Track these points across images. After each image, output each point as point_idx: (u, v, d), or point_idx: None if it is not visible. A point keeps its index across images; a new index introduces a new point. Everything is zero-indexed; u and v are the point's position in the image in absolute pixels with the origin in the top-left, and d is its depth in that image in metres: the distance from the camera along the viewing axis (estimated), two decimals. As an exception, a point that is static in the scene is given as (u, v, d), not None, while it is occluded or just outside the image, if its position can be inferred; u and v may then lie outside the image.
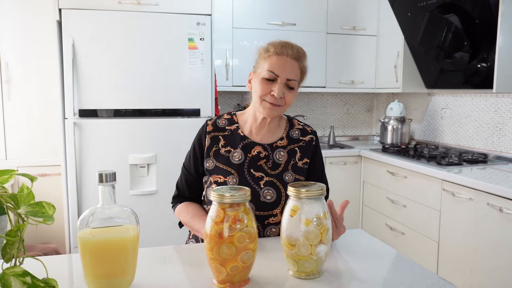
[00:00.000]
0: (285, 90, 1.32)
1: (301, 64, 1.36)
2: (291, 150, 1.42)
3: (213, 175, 1.37)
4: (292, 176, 1.39)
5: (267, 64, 1.32)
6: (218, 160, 1.38)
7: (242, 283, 0.97)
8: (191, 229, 1.41)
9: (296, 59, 1.33)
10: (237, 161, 1.37)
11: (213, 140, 1.41)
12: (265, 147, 1.40)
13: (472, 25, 2.61)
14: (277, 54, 1.32)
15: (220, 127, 1.43)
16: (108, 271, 0.92)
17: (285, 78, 1.31)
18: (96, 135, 2.61)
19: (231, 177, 1.35)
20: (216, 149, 1.40)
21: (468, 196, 2.19)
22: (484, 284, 2.12)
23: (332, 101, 3.87)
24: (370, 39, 3.50)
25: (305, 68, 1.38)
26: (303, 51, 1.37)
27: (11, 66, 2.90)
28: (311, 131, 1.48)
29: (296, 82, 1.34)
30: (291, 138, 1.44)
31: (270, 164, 1.38)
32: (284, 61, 1.32)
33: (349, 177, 3.27)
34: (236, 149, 1.39)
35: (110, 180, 0.92)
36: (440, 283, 0.99)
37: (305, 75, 1.39)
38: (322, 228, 0.98)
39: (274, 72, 1.30)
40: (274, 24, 3.22)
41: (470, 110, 3.00)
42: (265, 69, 1.32)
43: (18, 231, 0.77)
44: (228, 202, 0.93)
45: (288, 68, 1.31)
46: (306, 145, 1.44)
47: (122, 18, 2.60)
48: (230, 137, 1.41)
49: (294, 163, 1.40)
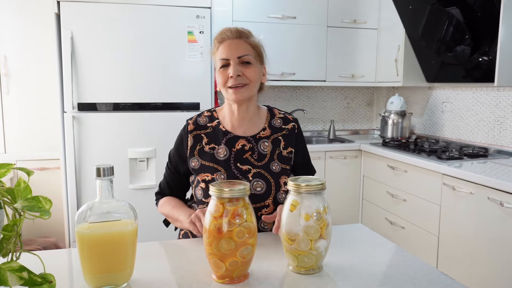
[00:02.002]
0: (242, 68, 1.33)
1: (248, 40, 1.37)
2: (275, 140, 1.42)
3: (200, 174, 1.37)
4: (279, 166, 1.38)
5: (217, 55, 1.36)
6: (203, 158, 1.38)
7: (242, 278, 0.97)
8: (171, 219, 1.43)
9: (238, 37, 1.35)
10: (223, 157, 1.37)
11: (196, 138, 1.41)
12: (249, 139, 1.40)
13: (474, 18, 2.59)
14: (220, 42, 1.36)
15: (202, 125, 1.43)
16: (106, 266, 0.91)
17: (235, 57, 1.32)
18: (95, 129, 2.60)
19: (219, 174, 1.35)
20: (200, 147, 1.40)
21: (469, 190, 2.19)
22: (484, 279, 2.12)
23: (333, 95, 3.85)
24: (370, 32, 3.47)
25: (255, 42, 1.38)
26: (244, 30, 1.38)
27: (9, 60, 2.88)
28: (292, 119, 1.48)
29: (250, 57, 1.34)
30: (274, 128, 1.44)
31: (256, 156, 1.38)
32: (228, 44, 1.34)
33: (349, 171, 3.26)
34: (220, 145, 1.39)
35: (108, 174, 0.91)
36: (441, 278, 0.99)
37: (260, 49, 1.39)
38: (322, 223, 0.97)
39: (224, 57, 1.33)
40: (274, 17, 3.20)
41: (471, 104, 2.99)
42: (217, 60, 1.36)
43: (15, 225, 0.76)
44: (227, 196, 0.92)
45: (234, 48, 1.33)
46: (289, 133, 1.44)
47: (121, 10, 2.58)
48: (212, 134, 1.41)
49: (279, 152, 1.41)
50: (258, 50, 1.38)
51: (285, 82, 3.31)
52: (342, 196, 3.26)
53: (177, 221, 1.38)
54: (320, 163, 3.16)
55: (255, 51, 1.37)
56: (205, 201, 1.35)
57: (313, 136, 3.79)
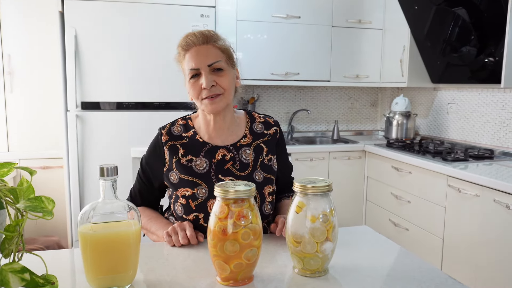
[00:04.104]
0: (214, 77, 1.23)
1: (216, 43, 1.25)
2: (257, 147, 1.34)
3: (180, 189, 1.27)
4: (262, 175, 1.31)
5: (185, 65, 1.26)
6: (181, 172, 1.28)
7: (246, 281, 0.95)
8: (147, 232, 1.33)
9: (205, 42, 1.24)
10: (202, 170, 1.28)
11: (172, 150, 1.30)
12: (229, 148, 1.31)
13: (480, 19, 2.57)
14: (186, 50, 1.25)
15: (176, 135, 1.32)
16: (109, 267, 0.90)
17: (205, 65, 1.22)
18: (98, 128, 2.59)
19: (199, 188, 1.26)
20: (177, 159, 1.29)
21: (474, 192, 2.16)
22: (489, 282, 2.09)
23: (337, 95, 3.83)
24: (375, 32, 3.45)
25: (224, 45, 1.27)
26: (210, 32, 1.26)
27: (13, 58, 2.88)
28: (274, 122, 1.41)
29: (221, 63, 1.24)
30: (255, 133, 1.36)
31: (237, 166, 1.29)
32: (195, 51, 1.23)
33: (353, 172, 3.25)
34: (198, 157, 1.29)
35: (112, 174, 0.90)
36: (449, 282, 0.97)
37: (230, 51, 1.28)
38: (329, 225, 0.96)
39: (193, 67, 1.23)
40: (278, 16, 3.18)
41: (476, 105, 2.96)
42: (186, 70, 1.25)
43: (17, 226, 0.75)
44: (232, 197, 0.91)
45: (202, 55, 1.22)
46: (272, 139, 1.37)
47: (125, 9, 2.57)
48: (189, 145, 1.31)
49: (261, 161, 1.33)
50: (228, 54, 1.27)
51: (289, 82, 3.29)
52: (345, 197, 3.24)
53: (153, 234, 1.29)
54: (323, 164, 3.15)
55: (225, 55, 1.26)
56: (186, 218, 1.26)
57: (317, 136, 3.77)
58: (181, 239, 1.16)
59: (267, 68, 3.20)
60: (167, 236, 1.17)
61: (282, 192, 1.45)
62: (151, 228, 1.31)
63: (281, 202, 1.42)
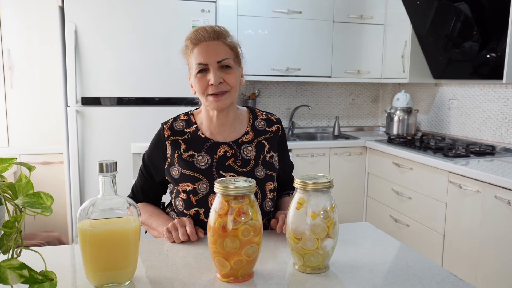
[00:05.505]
0: (222, 74, 1.22)
1: (225, 40, 1.25)
2: (258, 144, 1.34)
3: (181, 184, 1.28)
4: (263, 172, 1.31)
5: (193, 59, 1.25)
6: (182, 167, 1.28)
7: (246, 277, 0.95)
8: (148, 228, 1.35)
9: (215, 38, 1.23)
10: (204, 165, 1.28)
11: (174, 145, 1.31)
12: (231, 145, 1.31)
13: (483, 14, 2.55)
14: (196, 44, 1.24)
15: (178, 130, 1.32)
16: (108, 264, 0.90)
17: (215, 61, 1.22)
18: (98, 124, 2.59)
19: (200, 183, 1.26)
20: (178, 154, 1.30)
21: (475, 188, 2.16)
22: (490, 278, 2.09)
23: (338, 91, 3.82)
24: (377, 28, 3.43)
25: (233, 42, 1.27)
26: (220, 28, 1.27)
27: (13, 53, 2.87)
28: (276, 120, 1.40)
29: (229, 60, 1.23)
30: (257, 130, 1.36)
31: (239, 162, 1.30)
32: (205, 46, 1.23)
33: (353, 168, 3.24)
34: (200, 153, 1.29)
35: (111, 170, 0.89)
36: (450, 279, 0.96)
37: (238, 50, 1.28)
38: (329, 221, 0.95)
39: (202, 62, 1.22)
40: (280, 12, 3.16)
41: (478, 101, 2.95)
42: (193, 65, 1.24)
43: (16, 222, 0.75)
44: (232, 194, 0.90)
45: (213, 51, 1.22)
46: (274, 136, 1.37)
47: (126, 4, 2.56)
48: (191, 140, 1.31)
49: (263, 158, 1.33)
50: (236, 51, 1.27)
51: (290, 78, 3.28)
52: (346, 193, 3.24)
53: (154, 230, 1.30)
54: (324, 160, 3.14)
55: (233, 53, 1.26)
56: (187, 213, 1.27)
57: (318, 132, 3.76)
58: (181, 235, 1.16)
59: (268, 63, 3.18)
60: (167, 232, 1.18)
61: (282, 190, 1.45)
62: (152, 224, 1.31)
63: (281, 200, 1.42)
